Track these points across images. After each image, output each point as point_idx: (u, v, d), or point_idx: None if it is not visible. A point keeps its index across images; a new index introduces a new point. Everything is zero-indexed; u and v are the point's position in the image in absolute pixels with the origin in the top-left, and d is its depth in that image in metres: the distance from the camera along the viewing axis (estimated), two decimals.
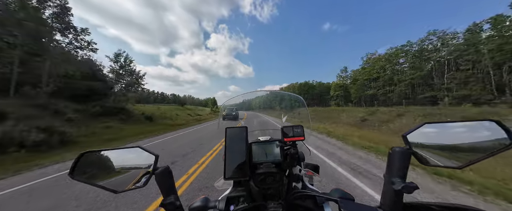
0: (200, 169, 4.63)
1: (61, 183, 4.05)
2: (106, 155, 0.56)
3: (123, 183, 0.54)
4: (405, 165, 0.50)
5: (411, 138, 0.51)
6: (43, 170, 5.10)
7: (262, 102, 27.06)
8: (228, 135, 0.75)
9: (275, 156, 0.84)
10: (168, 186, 0.56)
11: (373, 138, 9.11)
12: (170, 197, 0.55)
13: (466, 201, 2.99)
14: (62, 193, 3.52)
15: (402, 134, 0.52)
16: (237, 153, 0.71)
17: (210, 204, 0.76)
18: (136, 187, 0.54)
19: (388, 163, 0.54)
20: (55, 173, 4.81)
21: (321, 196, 0.72)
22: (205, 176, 4.15)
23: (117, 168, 0.56)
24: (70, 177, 0.50)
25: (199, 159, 5.54)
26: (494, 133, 0.43)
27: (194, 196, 3.24)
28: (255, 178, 0.76)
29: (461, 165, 0.46)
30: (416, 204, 0.54)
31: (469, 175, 3.87)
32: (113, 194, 0.53)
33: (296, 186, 0.93)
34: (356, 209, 0.57)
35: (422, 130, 0.51)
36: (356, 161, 5.09)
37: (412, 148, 0.51)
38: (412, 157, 0.51)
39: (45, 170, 5.15)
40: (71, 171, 0.51)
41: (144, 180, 0.55)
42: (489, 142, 0.43)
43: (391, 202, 0.52)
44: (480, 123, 0.45)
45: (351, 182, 3.73)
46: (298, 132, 0.89)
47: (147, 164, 0.57)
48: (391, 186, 0.50)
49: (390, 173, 0.52)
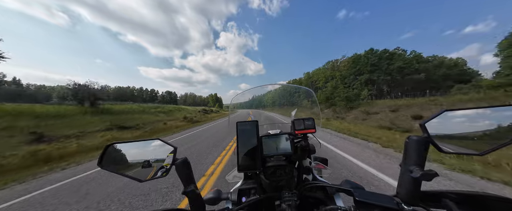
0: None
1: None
2: (129, 146, 0.59)
3: (146, 172, 0.57)
4: (423, 154, 0.50)
5: (430, 126, 0.50)
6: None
7: (270, 98, 26.31)
8: (239, 130, 0.77)
9: (286, 149, 0.85)
10: (187, 176, 0.59)
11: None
12: (190, 186, 0.58)
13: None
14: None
15: (420, 122, 0.52)
16: (248, 146, 0.73)
17: (223, 196, 0.79)
18: (158, 176, 0.57)
19: (404, 152, 0.53)
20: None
21: (332, 187, 0.73)
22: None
23: (140, 159, 0.59)
24: (99, 166, 0.54)
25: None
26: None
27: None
28: (266, 171, 0.78)
29: (483, 152, 0.45)
30: (434, 192, 0.54)
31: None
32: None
33: (307, 178, 0.94)
34: (371, 197, 0.57)
35: (442, 118, 0.50)
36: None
37: (430, 136, 0.50)
38: (430, 146, 0.50)
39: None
40: (100, 161, 0.55)
41: (165, 170, 0.58)
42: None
43: (408, 190, 0.52)
44: (504, 108, 0.44)
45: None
46: (309, 124, 0.89)
47: (166, 155, 0.60)
48: (409, 175, 0.50)
49: (407, 162, 0.52)
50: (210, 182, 3.55)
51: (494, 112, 0.45)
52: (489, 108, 0.46)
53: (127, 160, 0.58)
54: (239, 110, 10.26)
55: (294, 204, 0.61)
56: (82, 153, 7.64)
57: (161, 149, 0.61)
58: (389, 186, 3.06)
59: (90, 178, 4.40)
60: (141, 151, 0.61)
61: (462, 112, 0.49)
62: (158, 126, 17.73)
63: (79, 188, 3.82)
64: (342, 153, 5.16)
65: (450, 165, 3.87)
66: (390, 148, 5.45)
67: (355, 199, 0.58)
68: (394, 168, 3.82)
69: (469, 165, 3.81)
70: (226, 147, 6.64)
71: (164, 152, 0.61)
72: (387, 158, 4.54)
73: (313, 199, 0.77)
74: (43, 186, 4.06)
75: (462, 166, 3.73)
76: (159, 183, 3.54)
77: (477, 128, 0.46)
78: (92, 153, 7.69)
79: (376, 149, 5.50)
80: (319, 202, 0.76)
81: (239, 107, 6.94)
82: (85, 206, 2.95)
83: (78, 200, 3.20)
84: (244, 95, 1.45)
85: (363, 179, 3.37)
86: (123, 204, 2.91)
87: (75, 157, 6.93)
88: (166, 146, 0.61)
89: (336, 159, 4.62)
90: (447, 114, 0.50)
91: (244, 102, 4.43)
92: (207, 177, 3.83)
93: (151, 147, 0.62)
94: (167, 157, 0.60)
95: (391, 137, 7.47)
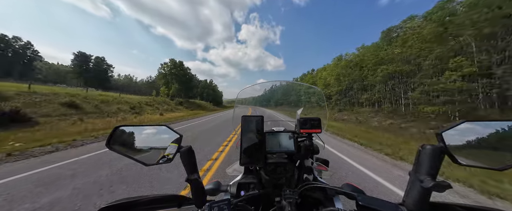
0: None
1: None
2: (136, 130, 0.60)
3: (152, 157, 0.57)
4: (437, 164, 0.48)
5: (447, 135, 0.48)
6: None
7: (277, 96, 26.17)
8: (244, 124, 0.76)
9: (288, 147, 0.84)
10: (191, 164, 0.59)
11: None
12: (194, 174, 0.58)
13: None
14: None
15: (437, 132, 0.49)
16: (252, 141, 0.73)
17: (222, 188, 0.79)
18: (163, 162, 0.57)
19: (416, 161, 0.51)
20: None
21: (333, 189, 0.72)
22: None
23: (146, 143, 0.59)
24: (107, 147, 0.55)
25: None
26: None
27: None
28: (267, 167, 0.78)
29: (502, 167, 0.42)
30: (443, 204, 0.52)
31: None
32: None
33: (307, 178, 0.93)
34: (375, 203, 0.56)
35: (461, 128, 0.47)
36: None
37: (445, 146, 0.48)
38: (445, 156, 0.48)
39: None
40: (108, 142, 0.55)
41: (171, 156, 0.58)
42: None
43: (416, 200, 0.50)
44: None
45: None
46: (315, 124, 0.87)
47: (171, 141, 0.60)
48: (419, 184, 0.48)
49: (419, 171, 0.50)
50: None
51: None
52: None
53: (134, 143, 0.58)
54: (240, 106, 10.34)
55: (294, 202, 0.60)
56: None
57: (167, 136, 0.61)
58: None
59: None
60: (148, 136, 0.61)
61: (484, 123, 0.46)
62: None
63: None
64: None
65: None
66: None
67: (358, 203, 0.57)
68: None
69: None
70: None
71: (169, 139, 0.61)
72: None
73: (312, 199, 0.77)
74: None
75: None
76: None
77: (499, 141, 0.43)
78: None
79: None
80: (318, 203, 0.76)
81: (245, 103, 6.88)
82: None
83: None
84: (251, 92, 1.43)
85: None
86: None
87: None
88: (172, 133, 0.61)
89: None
90: (468, 125, 0.47)
91: (251, 98, 4.31)
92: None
93: (157, 133, 0.62)
94: (172, 144, 0.60)
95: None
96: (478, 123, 0.46)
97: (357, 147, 6.80)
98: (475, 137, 0.46)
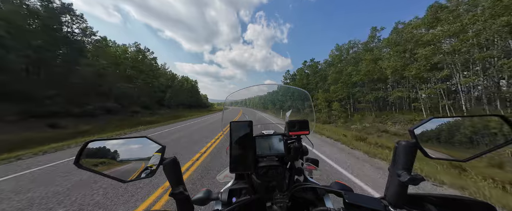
0: None
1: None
2: (112, 144, 0.55)
3: (131, 172, 0.53)
4: (411, 159, 0.51)
5: (418, 132, 0.52)
6: None
7: (266, 99, 25.87)
8: (232, 129, 0.75)
9: (278, 150, 0.85)
10: (176, 176, 0.56)
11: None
12: (179, 187, 0.55)
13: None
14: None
15: (409, 128, 0.53)
16: (242, 146, 0.71)
17: (213, 196, 0.77)
18: (144, 177, 0.53)
19: (393, 156, 0.55)
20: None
21: (322, 189, 0.74)
22: None
23: (124, 158, 0.55)
24: (75, 165, 0.49)
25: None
26: (499, 128, 0.44)
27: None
28: (258, 171, 0.77)
29: (466, 158, 0.47)
30: (420, 195, 0.56)
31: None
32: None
33: (298, 179, 0.95)
34: (360, 200, 0.58)
35: (429, 125, 0.52)
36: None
37: (417, 142, 0.52)
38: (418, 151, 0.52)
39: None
40: (77, 159, 0.49)
41: (152, 170, 0.55)
42: (494, 136, 0.44)
43: (395, 193, 0.54)
44: (487, 118, 0.46)
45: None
46: (303, 126, 0.90)
47: (153, 154, 0.57)
48: (397, 178, 0.51)
49: (396, 166, 0.53)
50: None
51: (479, 120, 0.47)
52: (475, 117, 0.48)
53: (110, 158, 0.54)
54: (230, 107, 10.52)
55: (285, 205, 0.61)
56: None
57: (148, 148, 0.58)
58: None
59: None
60: (126, 150, 0.56)
61: (449, 119, 0.51)
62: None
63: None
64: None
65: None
66: None
67: (344, 201, 0.59)
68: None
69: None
70: None
71: (151, 151, 0.57)
72: None
73: (303, 200, 0.78)
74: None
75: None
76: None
77: (462, 134, 0.48)
78: None
79: None
80: (309, 203, 0.77)
81: (234, 105, 6.97)
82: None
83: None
84: (240, 94, 1.44)
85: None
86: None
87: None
88: (154, 144, 0.58)
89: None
90: (435, 121, 0.52)
91: (240, 100, 4.42)
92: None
93: (137, 145, 0.58)
94: (154, 156, 0.57)
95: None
96: (444, 119, 0.51)
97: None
98: (442, 132, 0.51)
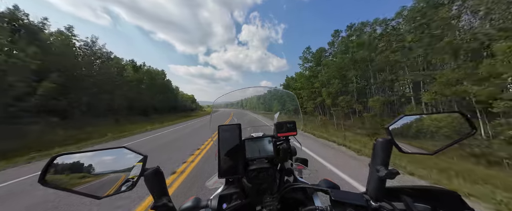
0: None
1: None
2: (86, 157, 0.50)
3: (107, 186, 0.49)
4: (388, 154, 0.56)
5: (393, 129, 0.56)
6: None
7: (255, 101, 25.75)
8: (221, 133, 0.73)
9: (268, 152, 0.84)
10: (159, 188, 0.53)
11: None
12: (162, 199, 0.52)
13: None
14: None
15: (385, 126, 0.57)
16: (231, 151, 0.70)
17: (202, 204, 0.74)
18: (124, 190, 0.49)
19: (372, 153, 0.58)
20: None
21: (311, 188, 0.76)
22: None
23: (99, 171, 0.50)
24: (39, 183, 0.43)
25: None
26: (460, 123, 0.50)
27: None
28: (248, 175, 0.77)
29: (434, 152, 0.52)
30: (397, 188, 0.60)
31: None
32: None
33: (288, 180, 0.96)
34: (345, 196, 0.61)
35: (402, 122, 0.56)
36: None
37: (393, 138, 0.56)
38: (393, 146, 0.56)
39: None
40: (42, 176, 0.43)
41: (132, 182, 0.51)
42: (457, 130, 0.50)
43: (375, 188, 0.57)
44: (450, 115, 0.52)
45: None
46: (291, 127, 0.91)
47: (134, 164, 0.53)
48: (376, 174, 0.55)
49: (375, 162, 0.57)
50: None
51: (443, 117, 0.53)
52: (440, 114, 0.53)
53: (82, 173, 0.49)
54: (221, 109, 10.59)
55: (275, 208, 0.61)
56: None
57: (128, 158, 0.54)
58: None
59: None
60: (102, 162, 0.52)
61: (418, 116, 0.56)
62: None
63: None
64: None
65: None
66: None
67: (331, 198, 0.61)
68: None
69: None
70: None
71: (131, 161, 0.53)
72: None
73: (294, 200, 0.79)
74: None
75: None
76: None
77: (431, 131, 0.54)
78: None
79: None
80: (299, 203, 0.78)
81: (223, 107, 6.84)
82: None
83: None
84: (228, 96, 1.45)
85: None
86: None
87: None
88: (134, 154, 0.54)
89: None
90: (406, 118, 0.57)
91: (229, 103, 4.35)
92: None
93: (115, 157, 0.54)
94: (136, 167, 0.53)
95: None
96: (414, 117, 0.56)
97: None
98: (412, 128, 0.56)
